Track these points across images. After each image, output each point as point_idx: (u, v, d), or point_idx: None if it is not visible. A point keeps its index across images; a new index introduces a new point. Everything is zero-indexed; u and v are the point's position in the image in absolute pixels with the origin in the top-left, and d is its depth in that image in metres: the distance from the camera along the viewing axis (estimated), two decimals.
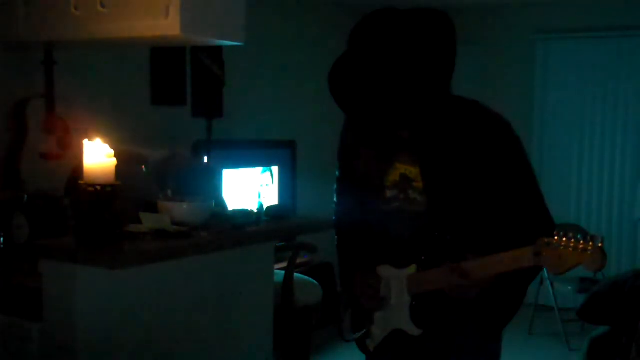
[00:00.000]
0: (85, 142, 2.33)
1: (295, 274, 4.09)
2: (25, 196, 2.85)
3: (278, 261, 3.79)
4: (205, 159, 4.20)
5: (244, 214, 2.86)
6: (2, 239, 2.79)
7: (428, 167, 1.91)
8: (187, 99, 4.61)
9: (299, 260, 4.40)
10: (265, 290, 3.12)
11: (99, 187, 2.29)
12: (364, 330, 2.09)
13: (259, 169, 4.86)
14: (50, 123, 3.36)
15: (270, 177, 3.76)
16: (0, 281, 2.65)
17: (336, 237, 2.21)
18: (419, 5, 1.85)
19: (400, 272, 1.98)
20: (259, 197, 3.00)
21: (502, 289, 1.85)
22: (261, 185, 4.15)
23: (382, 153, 1.98)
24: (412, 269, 1.95)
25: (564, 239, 1.64)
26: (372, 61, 1.79)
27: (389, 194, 1.98)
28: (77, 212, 2.38)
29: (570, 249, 1.63)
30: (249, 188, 4.44)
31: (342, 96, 1.85)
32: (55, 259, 2.41)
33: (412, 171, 1.94)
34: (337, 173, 2.18)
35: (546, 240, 1.67)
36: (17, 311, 2.56)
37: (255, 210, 2.90)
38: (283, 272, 3.99)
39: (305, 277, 4.30)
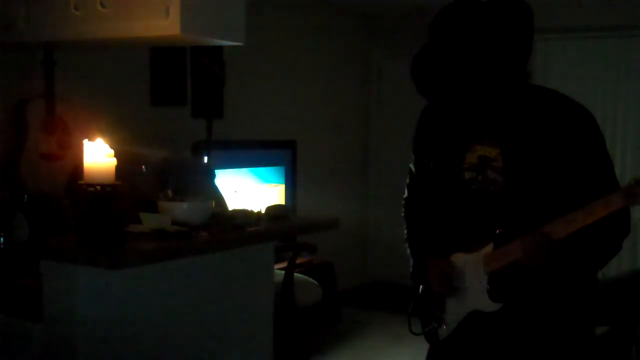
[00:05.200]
0: (85, 142, 2.33)
1: (295, 274, 4.09)
2: (25, 196, 2.85)
3: (278, 261, 3.80)
4: (205, 159, 4.21)
5: (244, 214, 2.86)
6: (2, 239, 2.79)
7: (509, 146, 1.96)
8: (187, 99, 4.61)
9: (299, 260, 4.40)
10: (265, 290, 3.12)
11: (99, 187, 2.29)
12: (435, 322, 2.08)
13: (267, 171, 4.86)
14: (50, 123, 3.36)
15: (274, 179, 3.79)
16: (0, 281, 2.65)
17: (405, 230, 2.24)
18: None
19: (475, 254, 1.99)
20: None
21: (582, 245, 1.89)
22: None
23: (460, 137, 2.04)
24: (489, 248, 1.97)
25: None
26: (455, 49, 1.86)
27: (467, 175, 2.02)
28: (77, 212, 2.37)
29: None
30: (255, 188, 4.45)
31: (426, 83, 1.91)
32: (55, 259, 2.41)
33: (492, 152, 1.98)
34: (411, 166, 2.21)
35: (637, 179, 1.71)
36: (17, 311, 2.56)
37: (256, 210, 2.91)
38: (283, 272, 3.99)
39: (305, 277, 4.30)
